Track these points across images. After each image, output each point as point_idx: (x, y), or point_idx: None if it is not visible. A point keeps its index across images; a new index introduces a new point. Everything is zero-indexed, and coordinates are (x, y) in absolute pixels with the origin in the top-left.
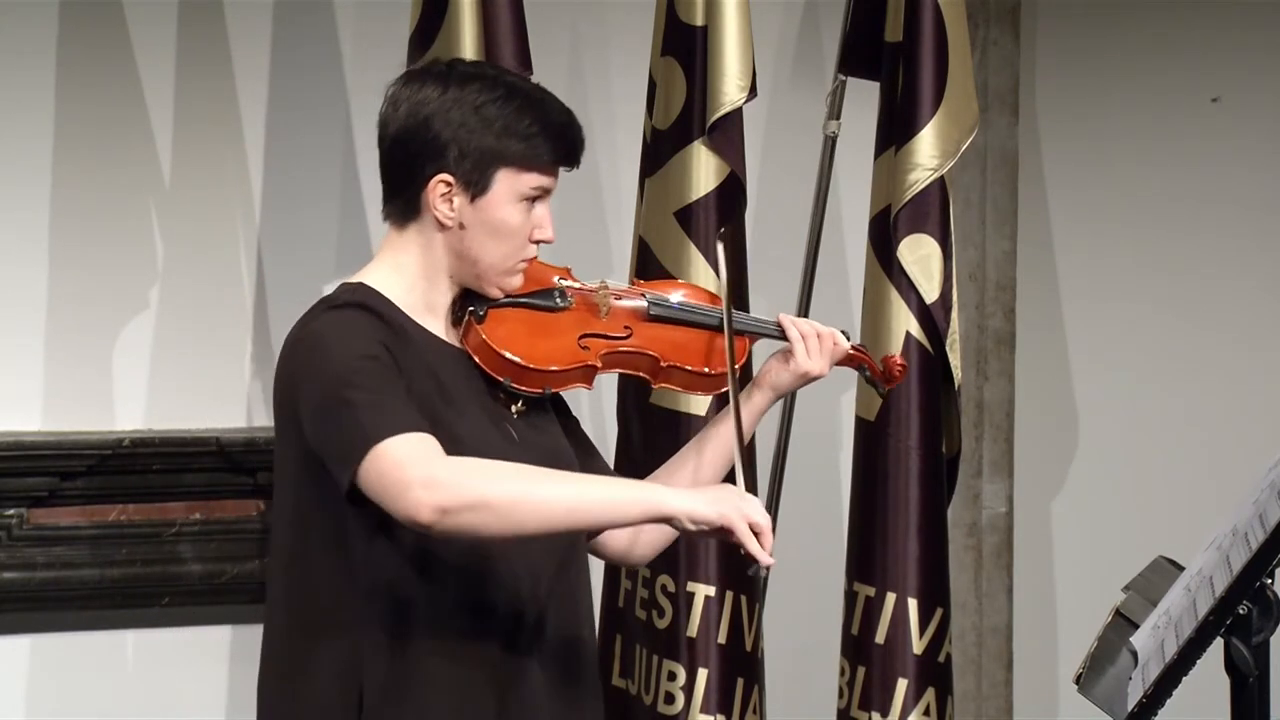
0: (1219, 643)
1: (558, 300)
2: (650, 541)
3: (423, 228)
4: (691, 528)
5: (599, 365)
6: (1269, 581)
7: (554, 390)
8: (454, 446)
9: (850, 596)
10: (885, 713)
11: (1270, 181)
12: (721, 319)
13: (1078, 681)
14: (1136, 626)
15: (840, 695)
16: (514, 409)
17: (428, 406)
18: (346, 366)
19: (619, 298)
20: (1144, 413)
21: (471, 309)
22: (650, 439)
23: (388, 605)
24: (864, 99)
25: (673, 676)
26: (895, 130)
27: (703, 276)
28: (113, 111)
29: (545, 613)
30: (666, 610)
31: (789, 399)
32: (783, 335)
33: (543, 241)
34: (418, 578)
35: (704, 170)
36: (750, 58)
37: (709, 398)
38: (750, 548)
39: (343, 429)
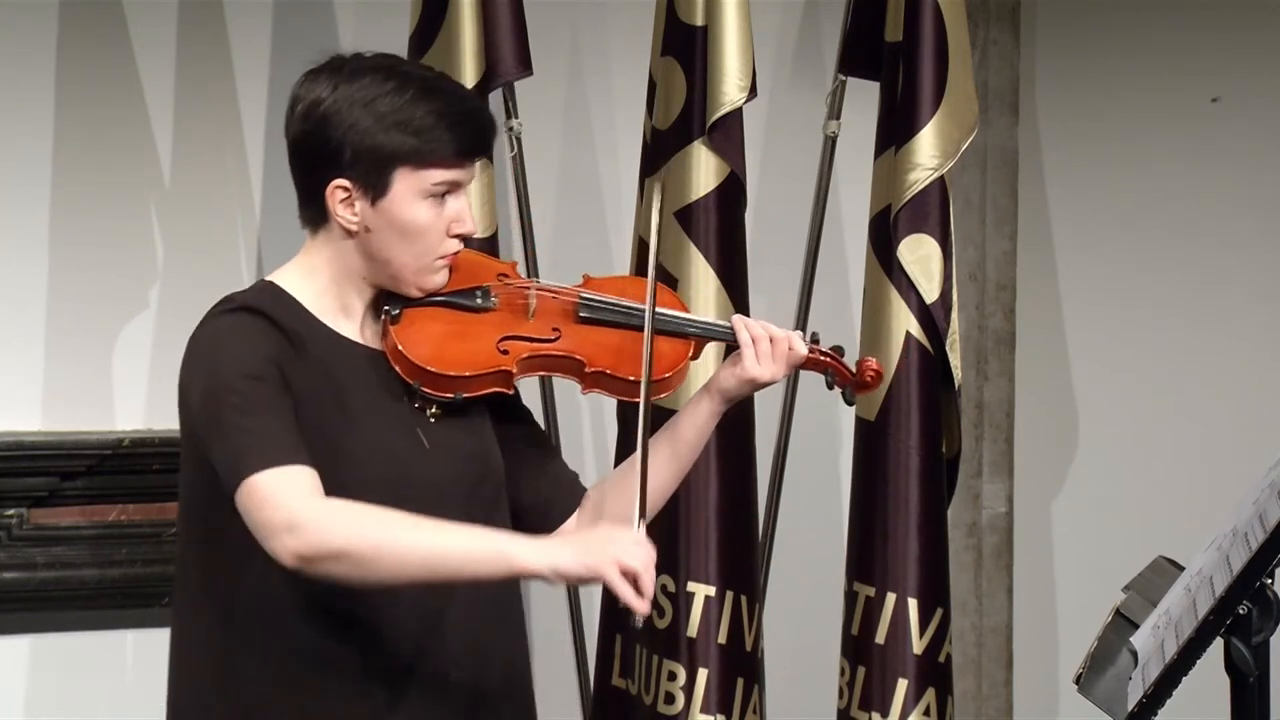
0: (1219, 643)
1: (479, 300)
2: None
3: (331, 233)
4: (559, 582)
5: (515, 370)
6: (1269, 581)
7: (466, 396)
8: (341, 459)
9: (850, 596)
10: (885, 713)
11: (1270, 181)
12: (668, 322)
13: (1078, 681)
14: (1136, 626)
15: (840, 695)
16: (430, 413)
17: (319, 416)
18: (228, 385)
19: (552, 296)
20: (1144, 413)
21: (386, 308)
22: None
23: (262, 623)
24: (864, 99)
25: (673, 676)
26: (895, 130)
27: (702, 276)
28: (113, 111)
29: (446, 610)
30: (666, 610)
31: (789, 399)
32: (733, 338)
33: (463, 235)
34: (293, 594)
35: (704, 170)
36: (750, 58)
37: None
38: (625, 597)
39: (221, 452)
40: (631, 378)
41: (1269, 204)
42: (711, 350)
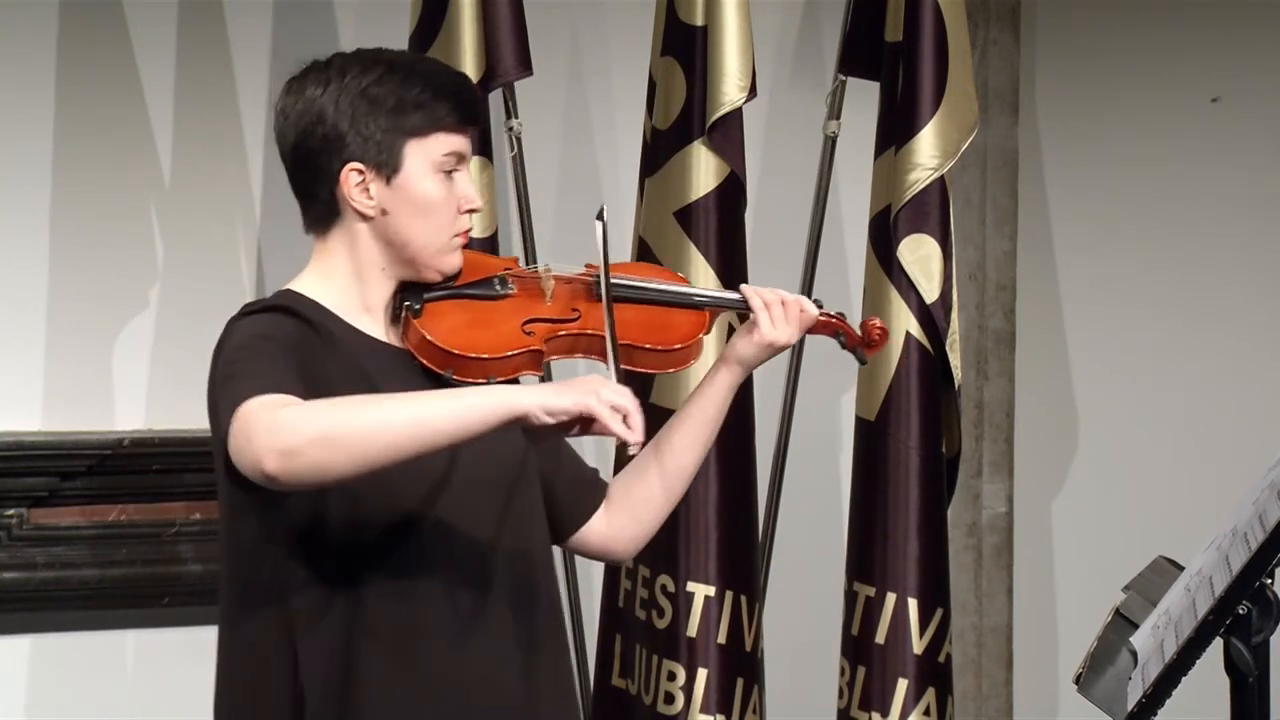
0: (1219, 643)
1: (497, 288)
2: (631, 535)
3: (345, 226)
4: (549, 420)
5: (544, 350)
6: (1269, 581)
7: (499, 380)
8: None
9: (850, 596)
10: (885, 713)
11: (1270, 181)
12: (681, 295)
13: (1077, 681)
14: (1136, 626)
15: (840, 695)
16: None
17: None
18: (238, 349)
19: (565, 281)
20: (1144, 413)
21: (407, 304)
22: (649, 439)
23: (320, 605)
24: (864, 99)
25: (673, 676)
26: (895, 130)
27: (703, 276)
28: (113, 111)
29: (489, 584)
30: (666, 610)
31: (789, 399)
32: (746, 306)
33: (472, 211)
34: (350, 574)
35: (704, 170)
36: (750, 58)
37: None
38: (615, 429)
39: (220, 406)
40: (658, 348)
41: (1269, 204)
42: (710, 347)
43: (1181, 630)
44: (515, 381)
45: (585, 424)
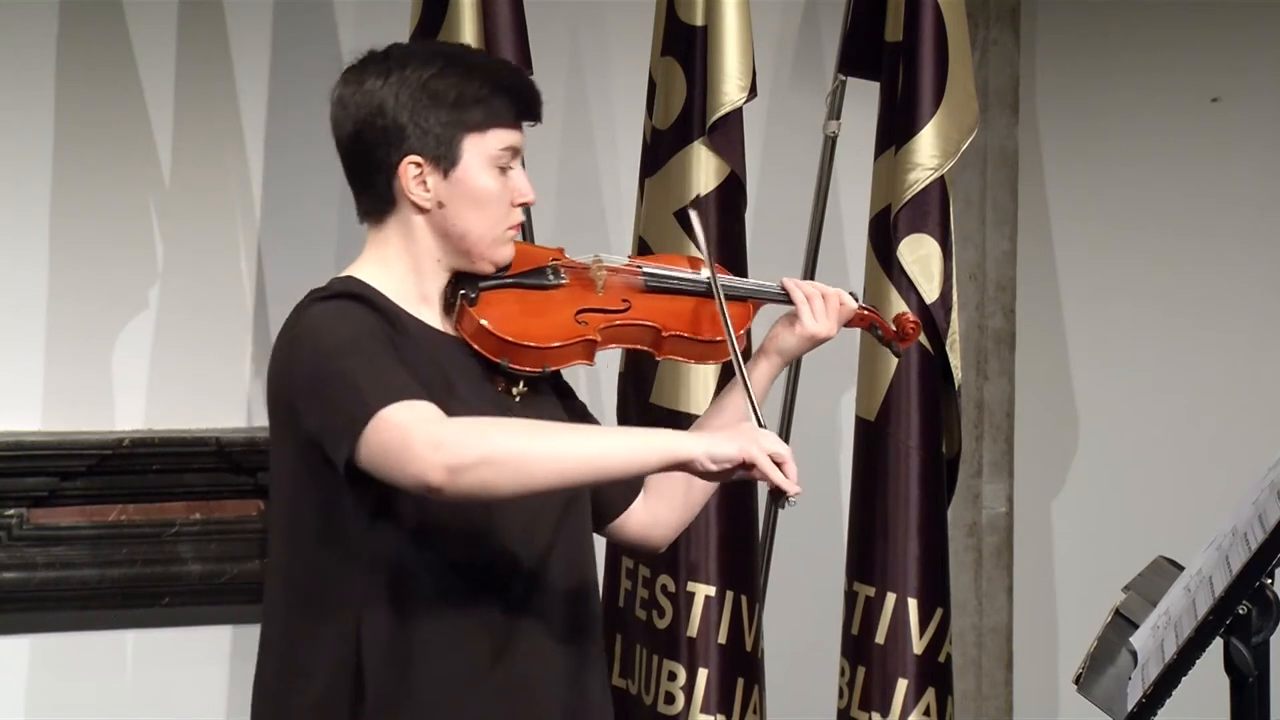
0: (1219, 643)
1: (550, 278)
2: (668, 524)
3: (401, 217)
4: (713, 467)
5: (598, 339)
6: (1269, 581)
7: (553, 368)
8: None
9: (850, 596)
10: (885, 713)
11: (1270, 181)
12: (724, 285)
13: (1077, 681)
14: (1136, 626)
15: (840, 695)
16: (515, 393)
17: (430, 397)
18: (338, 341)
19: (614, 272)
20: (1144, 413)
21: (463, 292)
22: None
23: (386, 584)
24: (864, 99)
25: (673, 676)
26: (895, 130)
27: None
28: (113, 111)
29: (545, 567)
30: (667, 610)
31: (789, 398)
32: (787, 299)
33: (525, 204)
34: (417, 553)
35: (704, 170)
36: (750, 58)
37: (709, 395)
38: (775, 479)
39: (339, 403)
40: (707, 338)
41: (1269, 204)
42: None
43: (1181, 630)
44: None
45: (744, 470)
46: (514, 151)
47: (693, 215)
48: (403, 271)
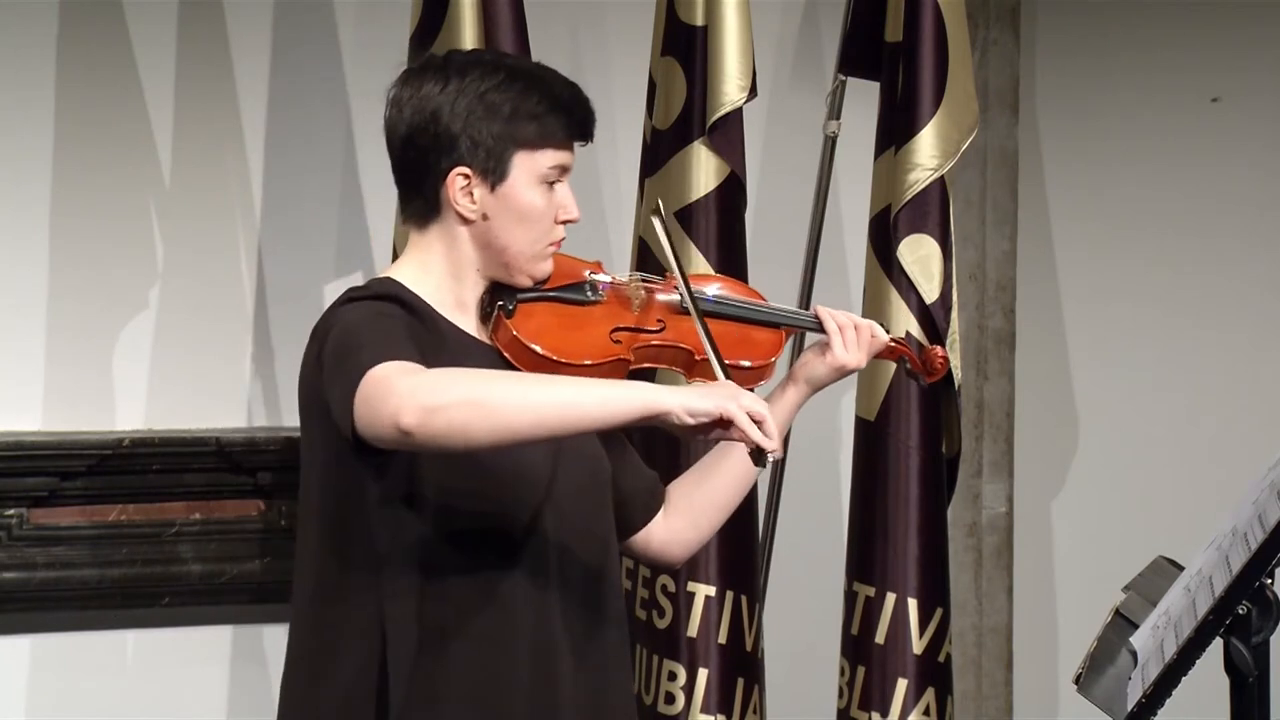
0: (1219, 643)
1: (588, 293)
2: (687, 540)
3: (445, 224)
4: (690, 421)
5: (631, 359)
6: (1269, 581)
7: None
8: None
9: (850, 596)
10: (885, 713)
11: (1270, 181)
12: (762, 313)
13: (1077, 681)
14: (1136, 626)
15: (840, 695)
16: None
17: None
18: (358, 327)
19: (652, 291)
20: (1144, 413)
21: (501, 303)
22: (650, 444)
23: (410, 576)
24: (864, 99)
25: (673, 676)
26: (895, 130)
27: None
28: (113, 111)
29: (569, 564)
30: (666, 610)
31: None
32: (820, 328)
33: (569, 221)
34: (440, 546)
35: (704, 170)
36: (750, 58)
37: None
38: (754, 436)
39: (344, 375)
40: (741, 363)
41: (1269, 204)
42: None
43: (1181, 630)
44: None
45: (723, 428)
46: (563, 169)
47: (656, 223)
48: (441, 277)
